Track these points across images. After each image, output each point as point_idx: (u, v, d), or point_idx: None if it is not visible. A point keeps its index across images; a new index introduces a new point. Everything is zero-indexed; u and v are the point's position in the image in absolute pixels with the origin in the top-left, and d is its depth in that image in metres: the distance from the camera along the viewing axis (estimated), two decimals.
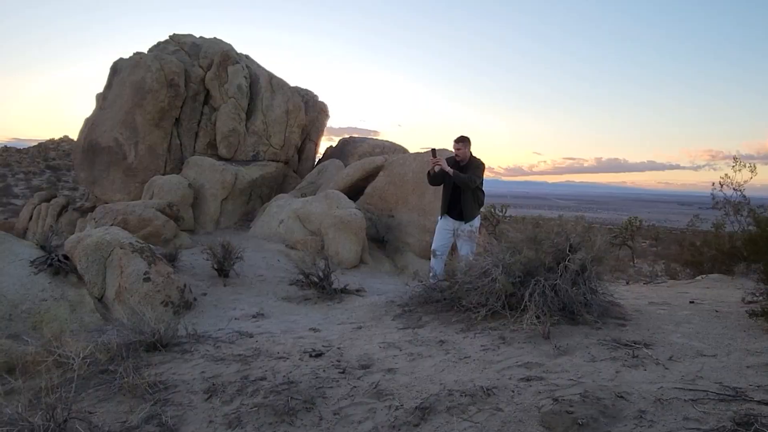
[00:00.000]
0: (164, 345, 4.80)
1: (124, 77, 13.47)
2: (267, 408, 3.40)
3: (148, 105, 12.82)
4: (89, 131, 13.58)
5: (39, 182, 58.16)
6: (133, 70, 13.27)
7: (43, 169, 65.32)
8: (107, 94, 13.92)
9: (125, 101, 13.14)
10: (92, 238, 6.35)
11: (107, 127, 13.26)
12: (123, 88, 13.35)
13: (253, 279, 8.17)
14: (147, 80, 12.88)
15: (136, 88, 12.98)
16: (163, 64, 13.15)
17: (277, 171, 14.57)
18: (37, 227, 13.63)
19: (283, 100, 15.06)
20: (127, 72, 13.43)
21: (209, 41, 15.05)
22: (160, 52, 14.00)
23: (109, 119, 13.34)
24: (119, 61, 14.17)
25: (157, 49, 14.44)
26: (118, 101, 13.37)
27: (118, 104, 13.31)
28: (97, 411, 3.56)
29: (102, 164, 13.23)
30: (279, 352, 4.59)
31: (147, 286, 6.02)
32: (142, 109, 12.87)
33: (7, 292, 5.73)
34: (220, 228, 12.33)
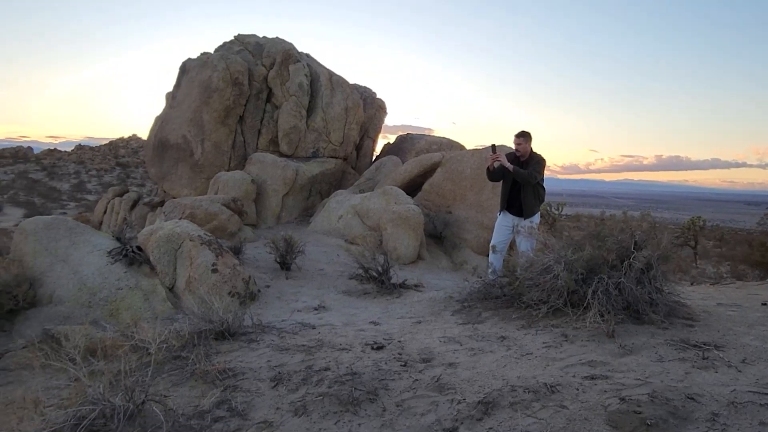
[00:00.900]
0: (232, 334, 4.95)
1: (192, 77, 13.91)
2: (331, 397, 3.47)
3: (214, 103, 13.21)
4: (159, 129, 14.12)
5: (110, 179, 60.80)
6: (201, 70, 13.70)
7: (113, 166, 68.26)
8: (176, 93, 14.43)
9: (193, 100, 13.58)
10: (164, 230, 6.61)
11: (176, 125, 13.74)
12: (191, 87, 13.80)
13: (314, 272, 8.30)
14: (213, 79, 13.27)
15: (203, 87, 13.39)
16: (229, 63, 13.51)
17: (336, 167, 14.74)
18: (111, 220, 14.28)
19: (342, 97, 15.21)
20: (195, 72, 13.87)
21: (272, 41, 15.35)
22: (226, 52, 14.39)
23: (177, 117, 13.83)
24: (187, 61, 14.65)
25: (222, 49, 14.85)
26: (186, 100, 13.83)
27: (186, 103, 13.77)
28: (171, 395, 3.70)
29: (171, 160, 13.73)
30: (341, 344, 4.66)
31: (215, 277, 6.22)
32: (209, 107, 13.27)
33: (87, 280, 6.04)
34: (281, 223, 12.58)
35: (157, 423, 3.18)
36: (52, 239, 6.51)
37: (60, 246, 6.45)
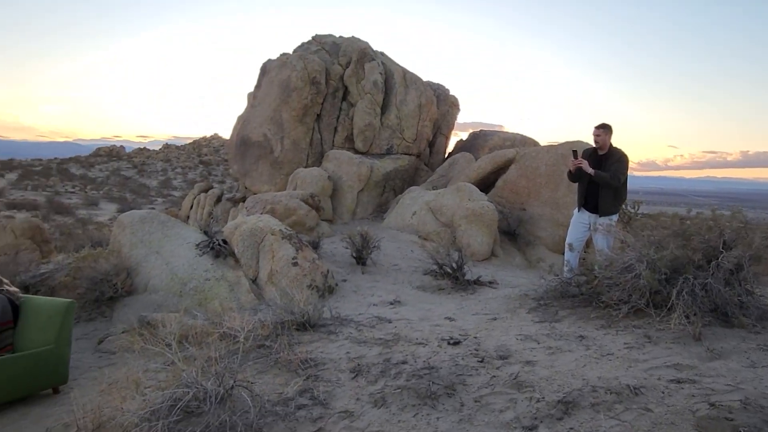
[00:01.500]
0: (312, 325, 5.10)
1: (272, 77, 14.33)
2: (410, 390, 3.51)
3: (293, 102, 13.55)
4: (241, 127, 14.63)
5: (193, 176, 63.47)
6: (280, 70, 14.08)
7: (197, 164, 71.23)
8: (257, 93, 14.90)
9: (273, 99, 13.99)
10: (247, 224, 6.87)
11: (257, 124, 14.20)
12: (271, 87, 14.21)
13: (389, 268, 8.39)
14: (292, 79, 13.61)
15: (283, 87, 13.76)
16: (307, 63, 13.81)
17: (410, 164, 14.78)
18: (196, 215, 14.96)
19: (416, 94, 15.24)
20: (275, 72, 14.27)
21: (348, 40, 15.56)
22: (304, 52, 14.72)
23: (258, 116, 14.28)
24: (267, 62, 15.10)
25: (300, 50, 15.20)
26: (266, 99, 14.26)
27: (267, 102, 14.20)
28: (256, 381, 3.85)
29: (252, 158, 14.20)
30: (417, 338, 4.70)
31: (295, 271, 6.40)
32: (288, 106, 13.63)
33: (177, 271, 6.37)
34: (355, 219, 12.76)
35: (245, 407, 3.32)
36: (146, 232, 6.90)
37: (153, 238, 6.84)
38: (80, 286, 6.15)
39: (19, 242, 10.15)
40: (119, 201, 43.94)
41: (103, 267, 6.21)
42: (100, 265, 6.24)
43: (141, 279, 6.42)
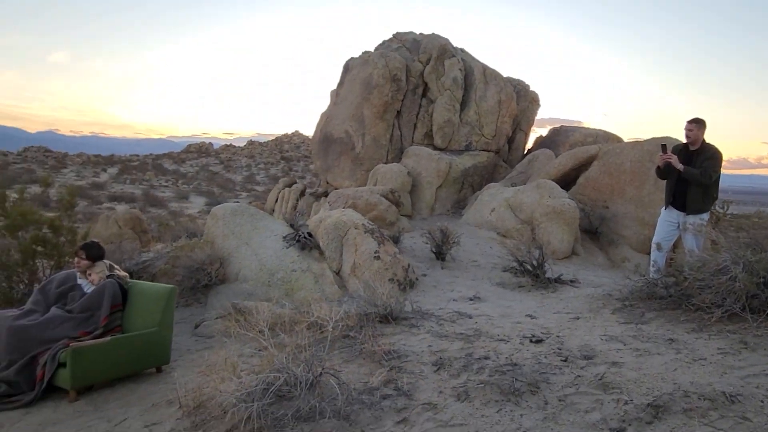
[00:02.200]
0: (394, 318, 5.18)
1: (354, 75, 14.55)
2: (493, 386, 3.50)
3: (374, 99, 13.71)
4: (324, 124, 14.96)
5: (275, 171, 65.45)
6: (362, 68, 14.28)
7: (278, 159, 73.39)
8: (339, 91, 15.18)
9: (355, 96, 14.21)
10: (332, 218, 7.04)
11: (339, 121, 14.48)
12: (353, 84, 14.43)
13: (468, 264, 8.36)
14: (374, 76, 13.76)
15: (364, 84, 13.95)
16: (388, 60, 13.93)
17: (489, 160, 14.62)
18: (281, 209, 15.45)
19: (495, 90, 15.03)
20: (357, 70, 14.49)
21: (428, 37, 15.55)
22: (385, 50, 14.85)
23: (340, 113, 14.55)
24: (350, 60, 15.34)
25: (382, 47, 15.35)
26: (348, 97, 14.51)
27: (349, 99, 14.44)
28: (342, 370, 3.96)
29: (334, 154, 14.50)
30: (499, 335, 4.68)
31: (377, 264, 6.51)
32: (369, 103, 13.80)
33: (266, 262, 6.62)
34: (434, 214, 12.77)
35: (333, 394, 3.43)
36: (237, 224, 7.22)
37: (244, 230, 7.14)
38: (178, 273, 6.53)
39: (123, 232, 10.87)
40: (207, 195, 45.98)
41: (199, 256, 6.55)
42: (196, 254, 6.60)
43: (232, 268, 6.73)
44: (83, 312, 4.56)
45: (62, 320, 4.46)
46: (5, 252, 5.92)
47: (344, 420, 3.24)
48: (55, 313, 4.51)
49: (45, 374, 4.16)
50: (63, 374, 4.13)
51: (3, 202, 6.08)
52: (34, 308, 4.61)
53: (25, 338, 4.27)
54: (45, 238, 5.93)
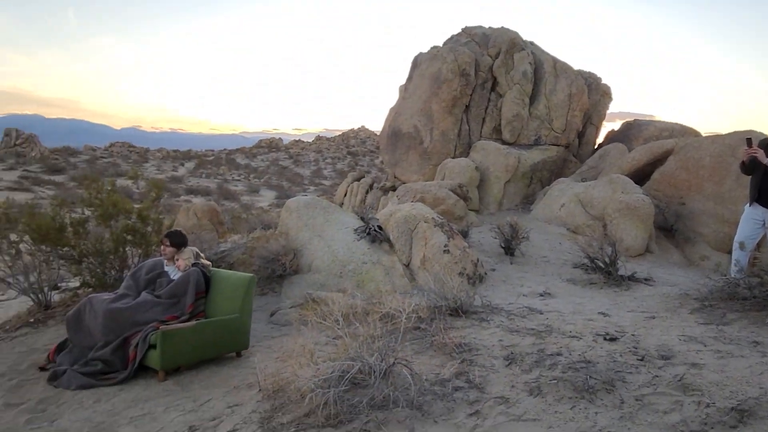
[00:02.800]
0: (464, 312, 5.17)
1: (423, 70, 14.54)
2: (566, 382, 3.45)
3: (443, 94, 13.66)
4: (393, 119, 15.04)
5: (342, 166, 66.27)
6: (431, 63, 14.25)
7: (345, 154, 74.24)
8: (408, 86, 15.21)
9: (423, 91, 14.20)
10: (402, 212, 7.09)
11: (408, 115, 14.51)
12: (422, 79, 14.43)
13: (538, 259, 8.22)
14: (442, 71, 13.71)
15: (433, 79, 13.92)
16: (457, 55, 13.84)
17: (558, 155, 14.29)
18: (350, 202, 15.67)
19: (566, 84, 14.65)
20: (426, 65, 14.47)
21: (497, 31, 15.33)
22: (454, 45, 14.75)
23: (409, 108, 14.58)
24: (419, 55, 15.33)
25: (451, 42, 15.25)
26: (417, 92, 14.51)
27: (417, 94, 14.45)
28: (414, 361, 3.99)
29: (402, 148, 14.55)
30: (571, 331, 4.59)
31: (446, 258, 6.51)
32: (438, 97, 13.76)
33: (338, 253, 6.75)
34: (502, 209, 12.61)
35: (406, 384, 3.47)
36: (310, 216, 7.39)
37: (316, 222, 7.31)
38: (254, 263, 6.76)
39: (201, 223, 11.33)
40: (277, 188, 47.13)
41: (274, 247, 6.76)
42: (271, 245, 6.81)
43: (305, 259, 6.90)
44: (170, 298, 4.82)
45: (152, 305, 4.73)
46: (99, 240, 6.31)
47: (417, 410, 3.27)
48: (145, 298, 4.79)
49: (137, 354, 4.42)
50: (153, 355, 4.39)
51: (98, 193, 6.47)
52: (126, 293, 4.92)
53: (119, 320, 4.57)
54: (134, 228, 6.28)
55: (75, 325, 4.76)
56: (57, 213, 6.26)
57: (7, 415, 4.02)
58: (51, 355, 4.85)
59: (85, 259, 6.21)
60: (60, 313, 6.17)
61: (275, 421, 3.37)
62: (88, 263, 6.24)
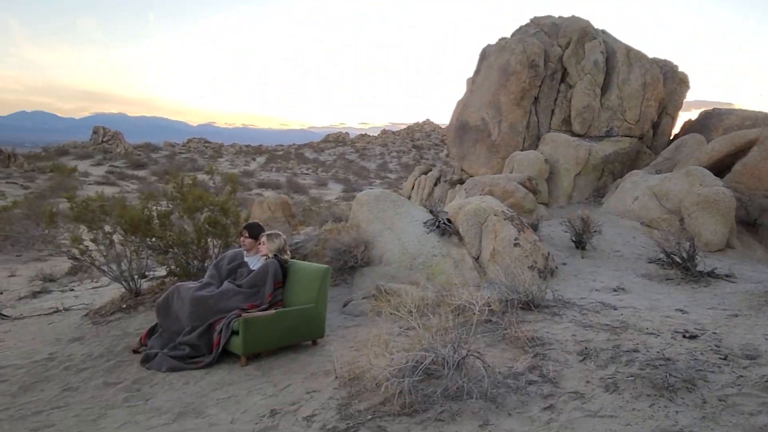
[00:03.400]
0: (536, 306, 5.11)
1: (491, 62, 14.34)
2: (644, 380, 3.37)
3: (511, 86, 13.43)
4: (461, 112, 14.92)
5: (407, 159, 66.28)
6: (499, 55, 14.03)
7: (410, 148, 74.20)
8: (476, 78, 15.04)
9: (491, 83, 14.01)
10: (471, 205, 7.06)
11: (475, 108, 14.36)
12: (490, 71, 14.24)
13: (610, 253, 7.99)
14: (511, 63, 13.48)
15: (501, 71, 13.71)
16: (526, 46, 13.56)
17: (631, 147, 13.76)
18: (417, 196, 15.70)
19: (640, 73, 14.07)
20: (494, 57, 14.26)
21: (567, 20, 14.89)
22: (523, 35, 14.45)
23: (477, 100, 14.43)
24: (487, 47, 15.12)
25: (519, 33, 14.95)
26: (485, 84, 14.33)
27: (485, 86, 14.27)
28: (486, 353, 3.99)
29: (470, 141, 14.43)
30: (648, 328, 4.46)
31: (517, 251, 6.44)
32: (506, 89, 13.55)
33: (408, 246, 6.80)
34: (571, 202, 12.30)
35: (479, 376, 3.48)
36: (380, 209, 7.47)
37: (387, 215, 7.38)
38: (326, 255, 6.91)
39: (274, 216, 11.67)
40: (344, 182, 47.72)
41: (345, 239, 6.88)
42: (343, 237, 6.94)
43: (376, 252, 6.99)
44: (251, 287, 5.02)
45: (234, 293, 4.95)
46: (183, 232, 6.63)
47: (491, 402, 3.28)
48: (228, 287, 5.01)
49: (221, 340, 4.64)
50: (236, 341, 4.59)
51: (181, 187, 6.80)
52: (210, 281, 5.16)
53: (204, 307, 4.80)
54: (215, 220, 6.56)
55: (164, 311, 5.05)
56: (145, 206, 6.62)
57: (107, 392, 4.32)
58: (143, 338, 5.16)
59: (170, 250, 6.55)
60: (149, 300, 6.54)
61: (352, 408, 3.46)
62: (174, 253, 6.57)
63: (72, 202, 6.37)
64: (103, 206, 6.38)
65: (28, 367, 4.96)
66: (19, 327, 6.68)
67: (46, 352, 5.37)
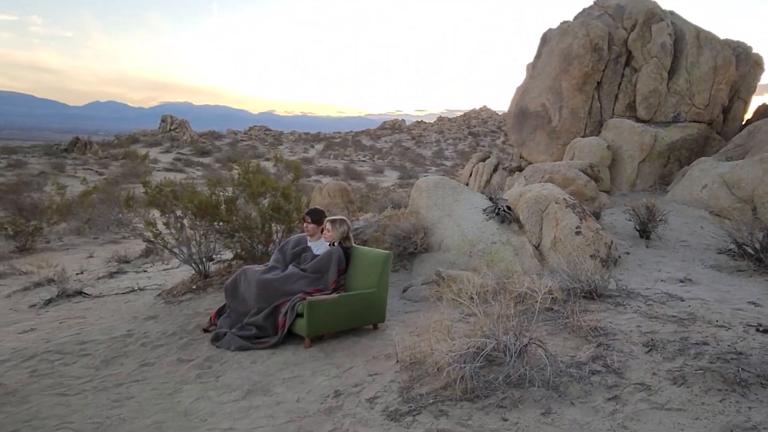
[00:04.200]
0: (598, 295, 4.99)
1: (552, 46, 13.95)
2: (714, 373, 3.25)
3: (573, 70, 13.04)
4: (520, 98, 14.62)
5: (463, 146, 65.63)
6: (561, 39, 13.63)
7: (466, 135, 73.41)
8: (536, 64, 14.68)
9: (553, 68, 13.64)
10: (532, 193, 6.93)
11: (535, 94, 14.04)
12: (551, 56, 13.86)
13: (676, 243, 7.68)
14: (573, 47, 13.07)
15: (563, 56, 13.32)
16: (589, 29, 13.12)
17: (699, 133, 13.12)
18: (475, 182, 15.54)
19: (710, 55, 13.36)
20: (555, 41, 13.86)
21: (633, 1, 14.28)
22: (586, 18, 13.98)
23: (537, 86, 14.09)
24: (548, 31, 14.72)
25: (582, 16, 14.47)
26: (546, 69, 13.97)
27: (546, 72, 13.91)
28: (548, 342, 3.94)
29: (529, 128, 14.13)
30: (717, 321, 4.28)
31: (578, 240, 6.29)
32: (568, 74, 13.16)
33: (467, 233, 6.76)
34: (635, 190, 11.88)
35: (541, 364, 3.45)
36: (439, 196, 7.44)
37: (446, 202, 7.34)
38: (386, 241, 6.95)
39: (334, 201, 11.83)
40: (400, 169, 47.75)
41: (405, 226, 6.91)
42: (402, 224, 6.96)
43: (435, 238, 6.98)
44: (315, 273, 5.14)
45: (298, 277, 5.07)
46: (248, 217, 6.83)
47: (553, 390, 3.25)
48: (293, 271, 5.14)
49: (286, 322, 4.77)
50: (300, 323, 4.71)
51: (246, 173, 7.00)
52: (275, 265, 5.31)
53: (270, 290, 4.94)
54: (279, 205, 6.72)
55: (232, 292, 5.23)
56: (213, 191, 6.85)
57: (181, 368, 4.53)
58: (212, 318, 5.37)
59: (236, 234, 6.76)
60: (216, 282, 6.78)
61: (414, 391, 3.50)
62: (240, 237, 6.78)
63: (147, 187, 6.66)
64: (175, 191, 6.64)
65: (109, 343, 5.26)
66: (99, 305, 7.08)
67: (124, 329, 5.67)
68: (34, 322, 6.42)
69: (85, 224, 16.05)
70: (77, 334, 5.64)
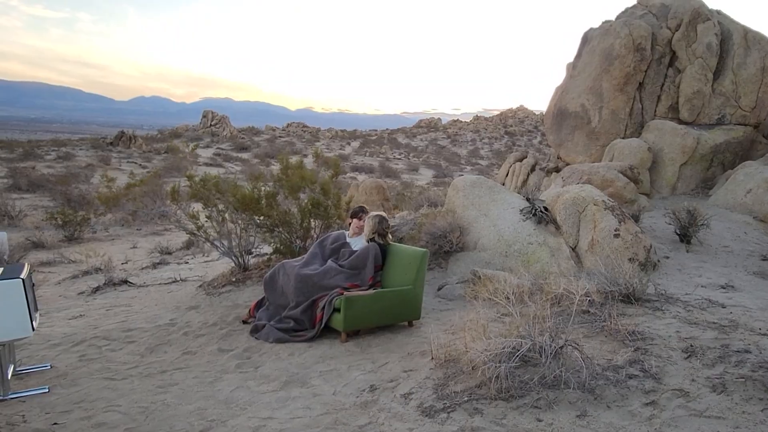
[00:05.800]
0: (636, 299, 4.92)
1: (593, 46, 13.70)
2: (756, 382, 3.18)
3: (615, 71, 12.78)
4: (559, 98, 14.40)
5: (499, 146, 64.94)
6: (602, 38, 13.37)
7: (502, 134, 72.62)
8: (576, 63, 14.44)
9: (593, 68, 13.40)
10: (570, 194, 6.85)
11: (575, 94, 13.81)
12: (592, 56, 13.61)
13: (718, 249, 7.49)
14: (615, 47, 12.82)
15: (604, 56, 13.07)
16: (632, 29, 12.84)
17: (745, 136, 12.70)
18: (512, 183, 15.40)
19: (758, 56, 12.91)
20: (597, 41, 13.61)
21: (679, 0, 13.91)
22: (628, 18, 13.68)
23: (577, 86, 13.86)
24: (589, 31, 14.45)
25: (625, 15, 14.16)
26: (586, 69, 13.73)
27: (587, 72, 13.67)
28: (584, 344, 3.90)
29: (568, 128, 13.91)
30: (760, 329, 4.17)
31: (617, 242, 6.20)
32: (609, 74, 12.91)
33: (503, 233, 6.73)
34: (675, 194, 11.60)
35: (577, 366, 3.43)
36: (476, 195, 7.42)
37: (482, 202, 7.32)
38: (422, 239, 6.97)
39: (369, 198, 11.90)
40: (435, 167, 47.52)
41: (441, 224, 6.91)
42: (439, 222, 6.97)
43: (471, 237, 6.97)
44: (352, 269, 5.21)
45: (336, 272, 5.14)
46: (287, 212, 6.94)
47: (589, 393, 3.23)
48: (331, 266, 5.22)
49: (323, 316, 4.85)
50: (337, 318, 4.78)
51: (286, 168, 7.11)
52: (313, 260, 5.39)
53: (308, 284, 5.03)
54: (318, 201, 6.80)
55: (271, 285, 5.34)
56: (254, 186, 6.98)
57: (221, 358, 4.65)
58: (251, 310, 5.49)
59: (276, 228, 6.88)
60: (255, 275, 6.91)
61: (449, 388, 3.52)
62: (279, 232, 6.90)
63: (191, 181, 6.84)
64: (218, 185, 6.79)
65: (153, 331, 5.43)
66: (143, 294, 7.30)
67: (168, 318, 5.84)
68: (83, 309, 6.66)
69: (130, 215, 16.52)
70: (123, 321, 5.84)
